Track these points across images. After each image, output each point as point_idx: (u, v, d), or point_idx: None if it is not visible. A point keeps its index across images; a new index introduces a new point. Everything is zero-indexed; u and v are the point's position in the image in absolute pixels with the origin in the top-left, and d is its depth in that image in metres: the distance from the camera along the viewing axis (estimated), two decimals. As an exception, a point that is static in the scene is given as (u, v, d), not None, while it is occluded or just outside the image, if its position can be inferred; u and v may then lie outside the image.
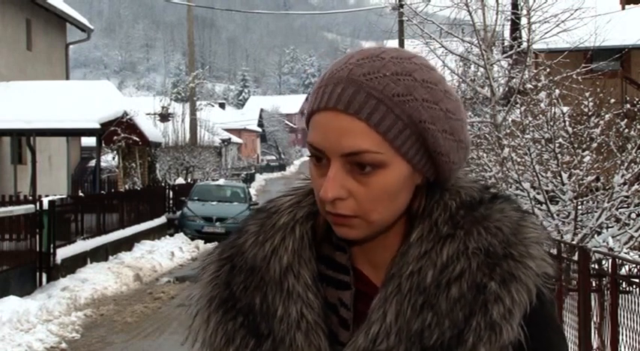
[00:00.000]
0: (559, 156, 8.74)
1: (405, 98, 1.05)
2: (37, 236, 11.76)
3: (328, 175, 1.06)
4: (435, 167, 1.09)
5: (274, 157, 76.88)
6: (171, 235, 19.91)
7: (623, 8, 21.93)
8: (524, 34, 14.68)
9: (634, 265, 6.26)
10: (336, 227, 1.09)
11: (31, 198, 14.81)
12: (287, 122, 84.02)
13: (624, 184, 8.27)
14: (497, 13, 14.25)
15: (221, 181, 24.22)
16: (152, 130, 21.95)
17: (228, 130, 55.12)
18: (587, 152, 8.68)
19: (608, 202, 8.27)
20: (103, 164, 22.41)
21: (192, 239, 19.25)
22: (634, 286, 5.75)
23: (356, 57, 1.08)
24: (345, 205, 1.06)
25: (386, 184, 1.06)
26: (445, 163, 1.09)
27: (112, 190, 20.72)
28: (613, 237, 8.31)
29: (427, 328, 1.05)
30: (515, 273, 1.07)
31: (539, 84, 10.96)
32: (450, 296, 1.06)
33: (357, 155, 1.04)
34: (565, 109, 9.48)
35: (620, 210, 8.44)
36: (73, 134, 20.33)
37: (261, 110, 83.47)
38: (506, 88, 14.02)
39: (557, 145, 8.80)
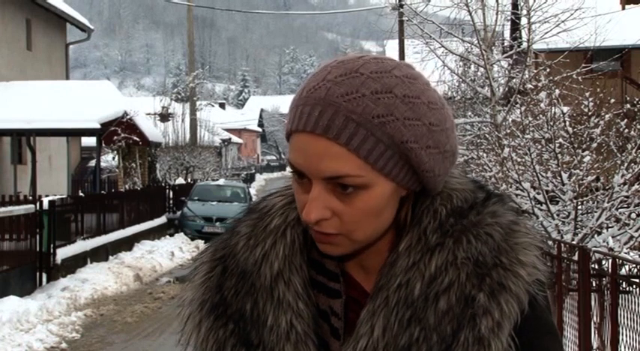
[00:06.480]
0: (559, 156, 8.73)
1: (386, 119, 1.00)
2: (37, 236, 11.76)
3: (310, 197, 1.03)
4: (420, 181, 1.07)
5: (274, 157, 76.83)
6: (171, 235, 19.91)
7: (623, 8, 21.92)
8: (524, 34, 14.69)
9: (634, 265, 6.26)
10: (320, 244, 1.07)
11: (31, 198, 14.83)
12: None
13: (624, 184, 8.26)
14: (497, 13, 14.26)
15: (221, 181, 24.19)
16: (152, 130, 21.95)
17: (228, 130, 55.10)
18: (587, 152, 8.67)
19: (608, 202, 8.27)
20: (103, 164, 22.41)
21: (193, 239, 19.25)
22: (634, 286, 5.75)
23: (334, 73, 1.03)
24: (329, 224, 1.04)
25: (369, 204, 1.03)
26: (430, 178, 1.06)
27: (112, 190, 20.73)
28: (613, 237, 8.31)
29: (415, 343, 1.03)
30: (505, 283, 1.05)
31: (539, 84, 10.95)
32: (437, 309, 1.04)
33: (337, 179, 1.02)
34: (565, 109, 9.48)
35: (620, 210, 8.43)
36: (73, 134, 20.32)
37: (261, 110, 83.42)
38: (506, 88, 14.02)
39: (557, 145, 8.79)
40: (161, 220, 20.08)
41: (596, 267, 6.34)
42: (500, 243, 1.07)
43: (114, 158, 21.90)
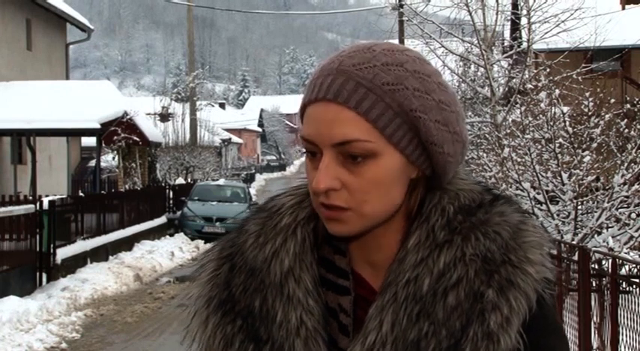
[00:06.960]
0: (559, 156, 8.74)
1: (396, 87, 1.04)
2: (37, 236, 11.76)
3: (320, 166, 1.05)
4: (429, 159, 1.08)
5: (274, 157, 76.81)
6: (172, 235, 19.92)
7: (623, 8, 21.92)
8: (524, 34, 14.70)
9: (634, 265, 6.27)
10: (328, 223, 1.08)
11: (31, 198, 14.83)
12: (287, 122, 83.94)
13: (624, 184, 8.27)
14: (497, 13, 14.28)
15: (221, 181, 24.20)
16: (152, 130, 21.96)
17: (228, 130, 55.08)
18: (587, 152, 8.68)
19: (608, 202, 8.27)
20: (103, 164, 22.41)
21: (193, 239, 19.26)
22: (634, 286, 5.75)
23: (347, 50, 1.08)
24: (338, 196, 1.05)
25: (378, 174, 1.04)
26: (439, 155, 1.07)
27: (112, 190, 20.73)
28: (613, 237, 8.31)
29: (424, 338, 1.04)
30: (513, 280, 1.05)
31: (539, 84, 10.96)
32: (446, 305, 1.04)
33: (347, 144, 1.04)
34: (565, 109, 9.49)
35: (620, 210, 8.44)
36: (73, 134, 20.33)
37: (261, 110, 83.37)
38: (506, 88, 14.03)
39: (557, 145, 8.80)
40: (161, 220, 20.09)
41: (596, 267, 6.35)
42: (508, 241, 1.08)
43: (114, 158, 21.90)
